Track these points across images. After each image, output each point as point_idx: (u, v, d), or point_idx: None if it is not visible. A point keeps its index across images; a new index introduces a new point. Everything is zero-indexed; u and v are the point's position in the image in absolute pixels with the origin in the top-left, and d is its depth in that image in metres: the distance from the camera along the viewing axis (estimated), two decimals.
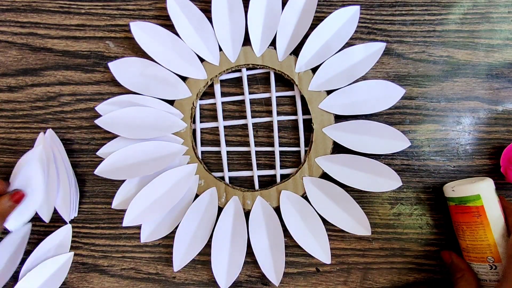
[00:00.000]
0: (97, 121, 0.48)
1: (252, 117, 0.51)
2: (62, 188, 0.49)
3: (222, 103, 0.51)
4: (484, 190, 0.44)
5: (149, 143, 0.49)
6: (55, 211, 0.50)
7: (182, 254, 0.49)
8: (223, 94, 0.51)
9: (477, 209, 0.43)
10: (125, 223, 0.48)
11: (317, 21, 0.48)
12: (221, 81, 0.51)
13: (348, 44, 0.49)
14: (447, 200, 0.47)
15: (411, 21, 0.50)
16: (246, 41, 0.49)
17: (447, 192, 0.47)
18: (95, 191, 0.51)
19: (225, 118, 0.51)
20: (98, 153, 0.49)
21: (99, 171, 0.48)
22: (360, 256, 0.50)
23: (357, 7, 0.48)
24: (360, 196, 0.50)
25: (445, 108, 0.50)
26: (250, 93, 0.51)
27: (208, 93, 0.51)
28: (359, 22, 0.49)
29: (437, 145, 0.50)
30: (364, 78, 0.49)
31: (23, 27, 0.52)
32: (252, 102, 0.51)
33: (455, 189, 0.45)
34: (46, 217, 0.49)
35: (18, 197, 0.46)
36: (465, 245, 0.45)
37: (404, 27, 0.50)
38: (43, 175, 0.48)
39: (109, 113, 0.48)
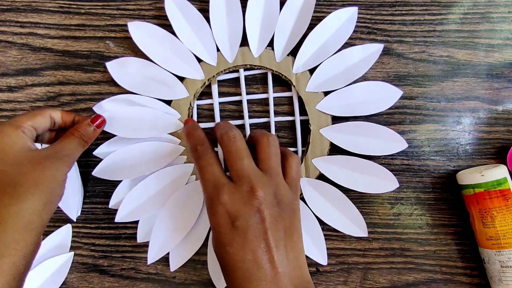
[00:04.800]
0: None
1: (250, 117, 0.51)
2: (70, 187, 0.49)
3: (220, 103, 0.51)
4: (507, 173, 0.45)
5: (146, 144, 0.49)
6: (55, 211, 0.50)
7: (179, 254, 0.49)
8: (221, 94, 0.51)
9: (507, 191, 0.44)
10: (117, 219, 0.48)
11: (315, 21, 0.48)
12: (219, 81, 0.51)
13: (347, 44, 0.48)
14: (470, 188, 0.46)
15: (411, 21, 0.50)
16: (244, 42, 0.49)
17: (472, 179, 0.46)
18: (95, 191, 0.51)
19: (222, 118, 0.51)
20: (95, 153, 0.49)
21: (97, 172, 0.48)
22: (360, 256, 0.50)
23: (355, 8, 0.48)
24: (360, 196, 0.49)
25: (445, 108, 0.50)
26: (248, 92, 0.51)
27: (206, 93, 0.51)
28: (359, 22, 0.49)
29: (437, 145, 0.50)
30: (364, 78, 0.49)
31: (23, 27, 0.52)
32: (250, 102, 0.51)
33: (484, 174, 0.45)
34: (74, 215, 0.50)
35: (99, 122, 0.46)
36: (494, 233, 0.45)
37: (404, 27, 0.50)
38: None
39: (106, 113, 0.48)
